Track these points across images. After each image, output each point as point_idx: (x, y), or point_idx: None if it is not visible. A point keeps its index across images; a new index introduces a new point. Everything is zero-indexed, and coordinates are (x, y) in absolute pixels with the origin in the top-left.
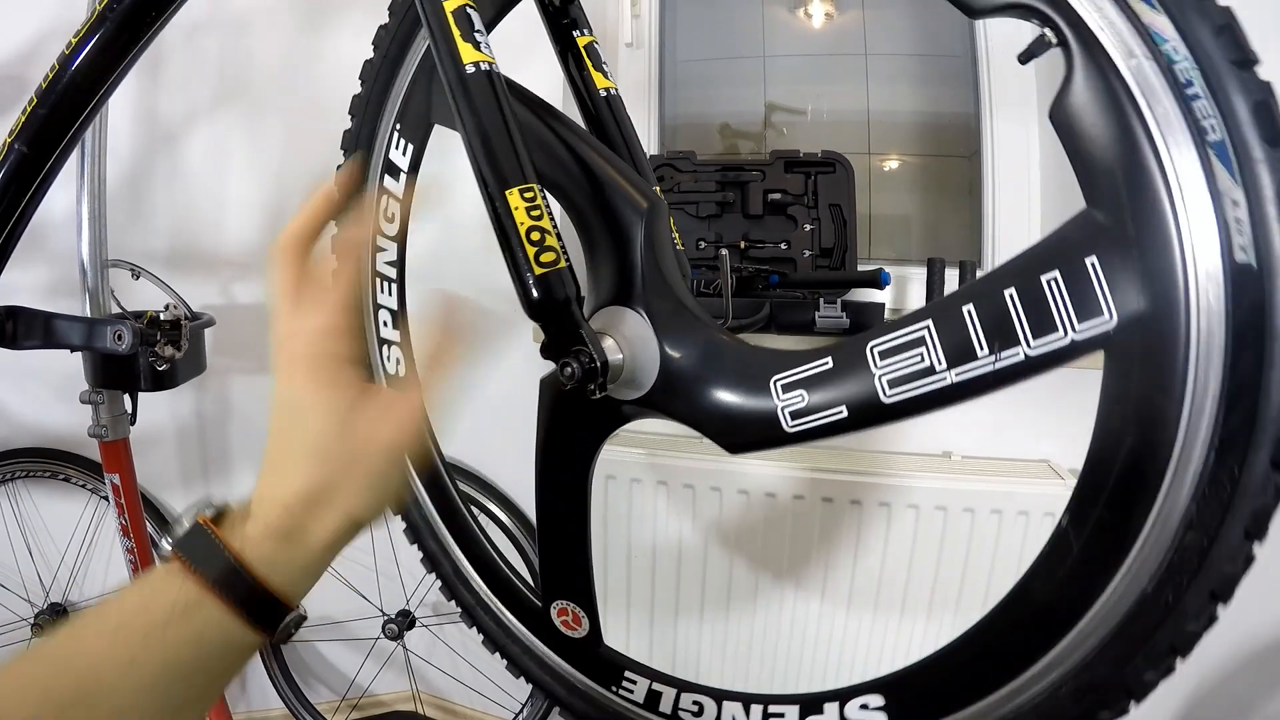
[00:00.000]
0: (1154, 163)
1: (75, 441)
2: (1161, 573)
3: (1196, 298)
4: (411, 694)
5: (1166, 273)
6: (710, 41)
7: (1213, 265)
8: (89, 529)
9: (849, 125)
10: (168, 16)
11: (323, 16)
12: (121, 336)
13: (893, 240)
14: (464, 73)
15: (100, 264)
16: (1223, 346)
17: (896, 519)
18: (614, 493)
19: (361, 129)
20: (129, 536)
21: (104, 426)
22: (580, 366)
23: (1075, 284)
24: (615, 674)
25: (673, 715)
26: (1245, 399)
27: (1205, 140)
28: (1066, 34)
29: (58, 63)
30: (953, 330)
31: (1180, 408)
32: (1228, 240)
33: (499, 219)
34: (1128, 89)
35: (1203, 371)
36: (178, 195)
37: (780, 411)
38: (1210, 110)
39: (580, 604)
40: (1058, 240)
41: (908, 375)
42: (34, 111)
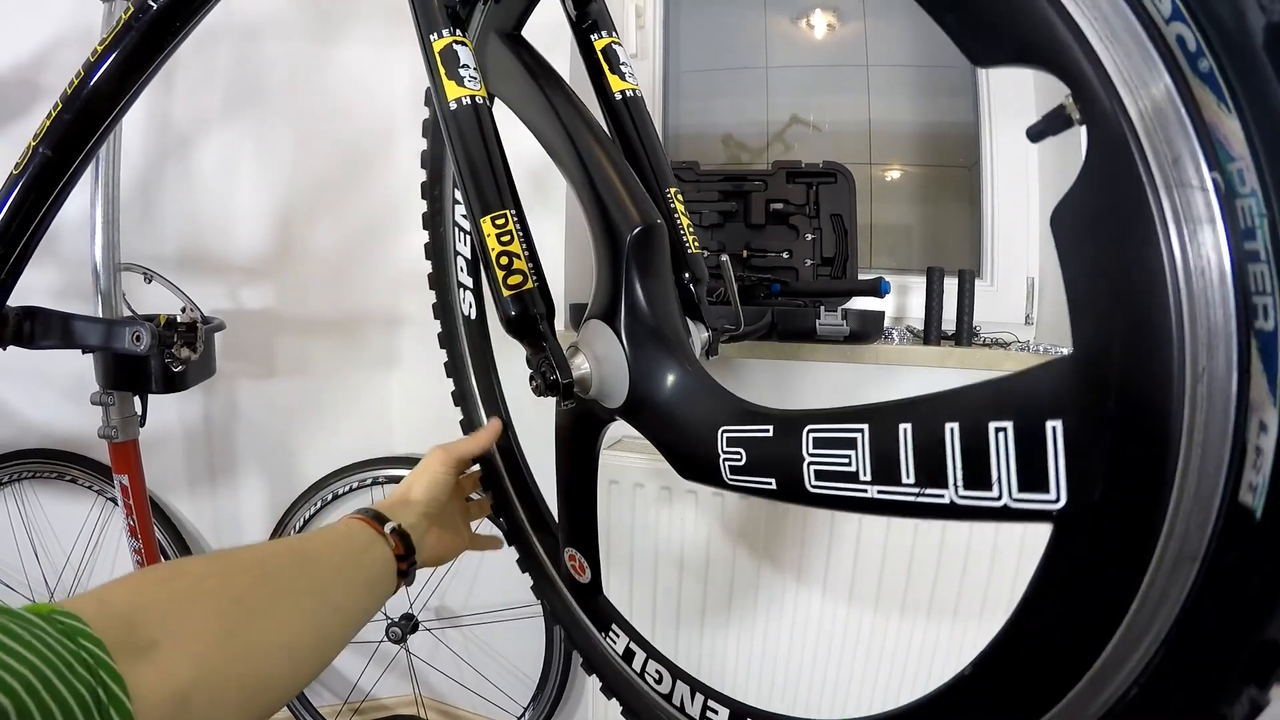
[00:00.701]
0: (1171, 337)
1: (82, 443)
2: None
3: (1173, 523)
4: (414, 698)
5: (1143, 478)
6: (713, 52)
7: (1206, 493)
8: (95, 530)
9: (850, 135)
10: (191, 27)
11: (333, 25)
12: (140, 338)
13: (893, 250)
14: (448, 109)
15: (113, 267)
16: (1189, 581)
17: (896, 522)
18: (617, 498)
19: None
20: (137, 537)
21: (114, 428)
22: (543, 379)
23: (1026, 445)
24: (605, 623)
25: (640, 674)
26: (1197, 628)
27: (1252, 326)
28: (1085, 109)
29: (83, 69)
30: (885, 444)
31: (1125, 614)
32: (1236, 474)
33: (475, 248)
34: (1164, 221)
35: (1159, 586)
36: (187, 201)
37: (721, 463)
38: (1270, 282)
39: (585, 555)
40: (1023, 386)
41: (833, 473)
42: (59, 116)
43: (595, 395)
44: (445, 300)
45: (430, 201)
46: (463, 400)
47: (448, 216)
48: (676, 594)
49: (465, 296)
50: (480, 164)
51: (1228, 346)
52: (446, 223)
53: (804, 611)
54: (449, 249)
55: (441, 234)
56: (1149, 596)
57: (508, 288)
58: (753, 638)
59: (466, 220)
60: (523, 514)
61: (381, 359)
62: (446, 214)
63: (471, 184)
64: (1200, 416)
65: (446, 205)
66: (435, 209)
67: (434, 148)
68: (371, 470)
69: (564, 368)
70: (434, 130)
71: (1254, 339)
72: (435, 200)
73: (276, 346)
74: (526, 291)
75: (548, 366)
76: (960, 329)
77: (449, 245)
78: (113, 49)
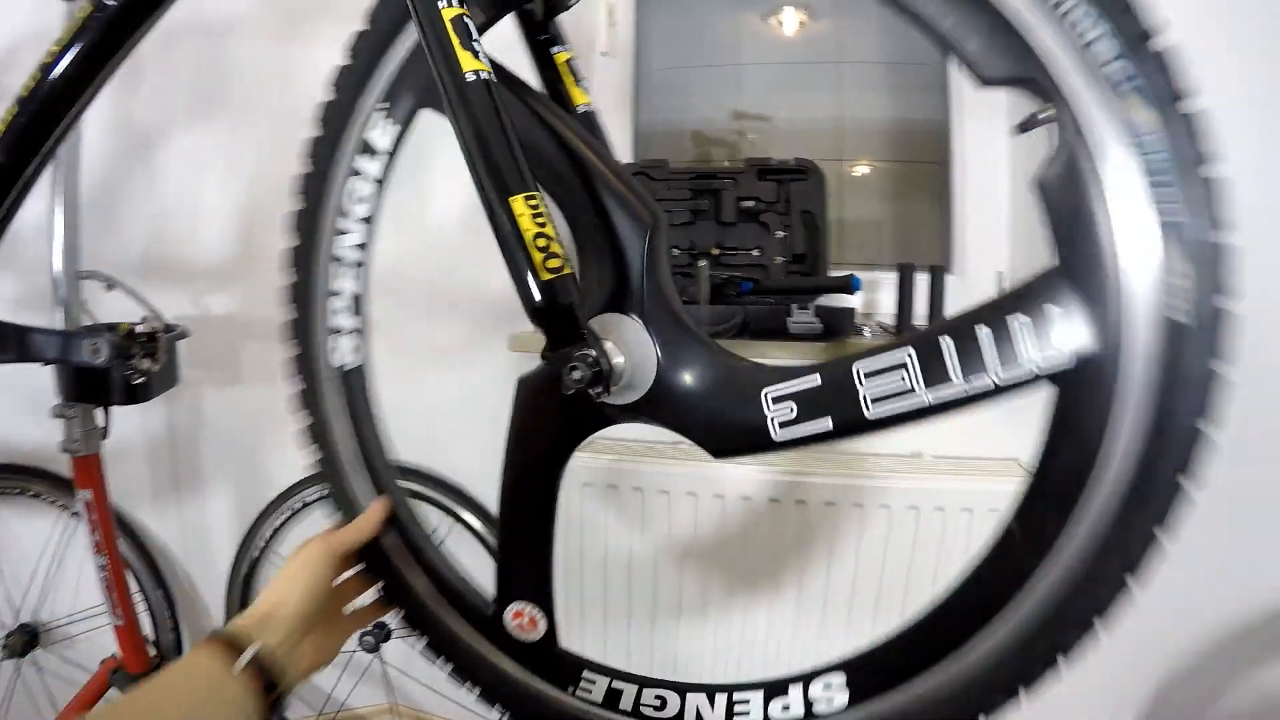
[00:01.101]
0: (1120, 238)
1: (44, 457)
2: (1089, 555)
3: (1135, 346)
4: (389, 707)
5: (1114, 325)
6: (684, 50)
7: (1153, 320)
8: (59, 547)
9: (821, 132)
10: (150, 25)
11: (300, 25)
12: (99, 350)
13: (863, 245)
14: (463, 81)
15: (73, 275)
16: (1152, 383)
17: (870, 519)
18: (588, 501)
19: (340, 101)
20: (102, 553)
21: (76, 441)
22: (588, 369)
23: (1037, 327)
24: (573, 674)
25: (634, 712)
26: (1161, 422)
27: (1164, 219)
28: (1064, 116)
29: (39, 70)
30: (932, 358)
31: (1112, 428)
32: (1170, 303)
33: (501, 226)
34: (1109, 172)
35: (1133, 400)
36: (151, 204)
37: (770, 421)
38: (1174, 196)
39: (539, 604)
40: (1026, 289)
41: (890, 395)
42: (14, 120)
43: (620, 387)
44: (309, 352)
45: (303, 234)
46: (333, 476)
47: (322, 251)
48: (652, 594)
49: (342, 344)
50: (503, 142)
51: (1156, 237)
52: (320, 258)
53: (779, 609)
54: (319, 289)
55: (311, 272)
56: (1122, 420)
57: (548, 271)
58: (729, 634)
59: (355, 250)
60: (426, 593)
61: None
62: (321, 247)
63: (495, 163)
64: (1126, 284)
65: (323, 236)
66: (308, 242)
67: (320, 163)
68: None
69: (607, 357)
70: (325, 144)
71: (1168, 230)
72: (309, 232)
73: (242, 352)
74: (568, 276)
75: (596, 356)
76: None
77: (320, 285)
78: (69, 49)
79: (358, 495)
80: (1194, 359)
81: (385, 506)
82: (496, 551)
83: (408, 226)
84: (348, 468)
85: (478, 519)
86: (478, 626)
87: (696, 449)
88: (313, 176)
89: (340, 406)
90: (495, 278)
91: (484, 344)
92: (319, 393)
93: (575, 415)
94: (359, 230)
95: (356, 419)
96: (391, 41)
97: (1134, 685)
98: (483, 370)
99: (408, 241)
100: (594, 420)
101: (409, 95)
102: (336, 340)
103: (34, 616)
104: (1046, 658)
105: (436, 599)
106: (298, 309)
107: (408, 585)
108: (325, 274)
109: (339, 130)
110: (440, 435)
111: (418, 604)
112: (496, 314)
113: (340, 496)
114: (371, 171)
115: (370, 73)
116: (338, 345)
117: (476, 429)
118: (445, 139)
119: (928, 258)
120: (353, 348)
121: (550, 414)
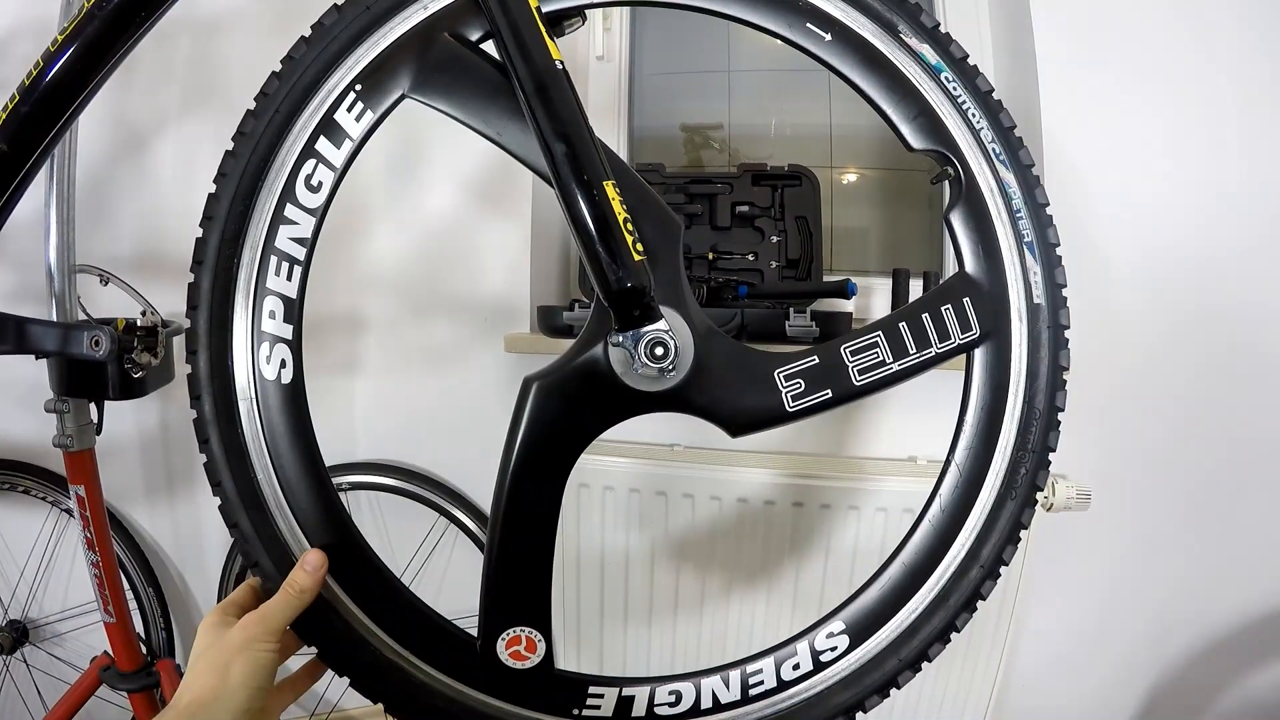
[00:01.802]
0: (1001, 250)
1: (35, 452)
2: (1008, 473)
3: (1015, 321)
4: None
5: (1004, 309)
6: (677, 55)
7: (1022, 306)
8: (50, 543)
9: (811, 139)
10: (157, 17)
11: (293, 21)
12: (99, 342)
13: (853, 251)
14: (554, 70)
15: (68, 269)
16: (1025, 343)
17: (865, 521)
18: (586, 501)
19: (301, 77)
20: (94, 550)
21: (69, 436)
22: (671, 343)
23: (958, 313)
24: (578, 694)
25: (648, 715)
26: (1033, 367)
27: (1023, 240)
28: (960, 174)
29: (41, 60)
30: (895, 338)
31: (1012, 376)
32: (1030, 290)
33: (593, 211)
34: (989, 209)
35: (1019, 358)
36: (144, 200)
37: (784, 395)
38: (1028, 225)
39: (537, 625)
40: (948, 288)
41: (869, 366)
42: (15, 109)
43: (663, 371)
44: (224, 364)
45: (224, 259)
46: (259, 521)
47: (255, 239)
48: (648, 594)
49: (273, 353)
50: (588, 130)
51: (1015, 249)
52: (251, 247)
53: (776, 608)
54: (245, 285)
55: (236, 264)
56: (1015, 368)
57: (638, 253)
58: (725, 634)
59: (298, 246)
60: (385, 648)
61: (344, 364)
62: (253, 234)
63: (588, 150)
64: (1006, 280)
65: (258, 221)
66: (238, 226)
67: (271, 130)
68: (336, 477)
69: (676, 337)
70: (279, 110)
71: (1025, 245)
72: (241, 214)
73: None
74: (645, 260)
75: (670, 335)
76: None
77: (247, 281)
78: (73, 39)
79: (288, 540)
80: (1046, 326)
81: (319, 563)
82: (488, 571)
83: (407, 226)
84: (272, 506)
85: (473, 520)
86: (457, 672)
87: (692, 452)
88: (258, 143)
89: (265, 430)
90: (492, 278)
91: (481, 344)
92: (235, 415)
93: (597, 407)
94: (307, 223)
95: (287, 446)
96: (392, 16)
97: (1127, 689)
98: (479, 371)
99: (406, 241)
100: (617, 410)
101: (396, 81)
102: (267, 350)
103: (24, 614)
104: (1007, 538)
105: (397, 653)
106: (212, 309)
107: (359, 641)
108: (258, 268)
109: (300, 100)
110: (435, 435)
111: (374, 665)
112: (493, 315)
113: (267, 544)
114: (333, 159)
115: (356, 43)
116: (270, 355)
117: (472, 429)
118: (444, 138)
119: (913, 263)
120: (284, 360)
121: (568, 410)
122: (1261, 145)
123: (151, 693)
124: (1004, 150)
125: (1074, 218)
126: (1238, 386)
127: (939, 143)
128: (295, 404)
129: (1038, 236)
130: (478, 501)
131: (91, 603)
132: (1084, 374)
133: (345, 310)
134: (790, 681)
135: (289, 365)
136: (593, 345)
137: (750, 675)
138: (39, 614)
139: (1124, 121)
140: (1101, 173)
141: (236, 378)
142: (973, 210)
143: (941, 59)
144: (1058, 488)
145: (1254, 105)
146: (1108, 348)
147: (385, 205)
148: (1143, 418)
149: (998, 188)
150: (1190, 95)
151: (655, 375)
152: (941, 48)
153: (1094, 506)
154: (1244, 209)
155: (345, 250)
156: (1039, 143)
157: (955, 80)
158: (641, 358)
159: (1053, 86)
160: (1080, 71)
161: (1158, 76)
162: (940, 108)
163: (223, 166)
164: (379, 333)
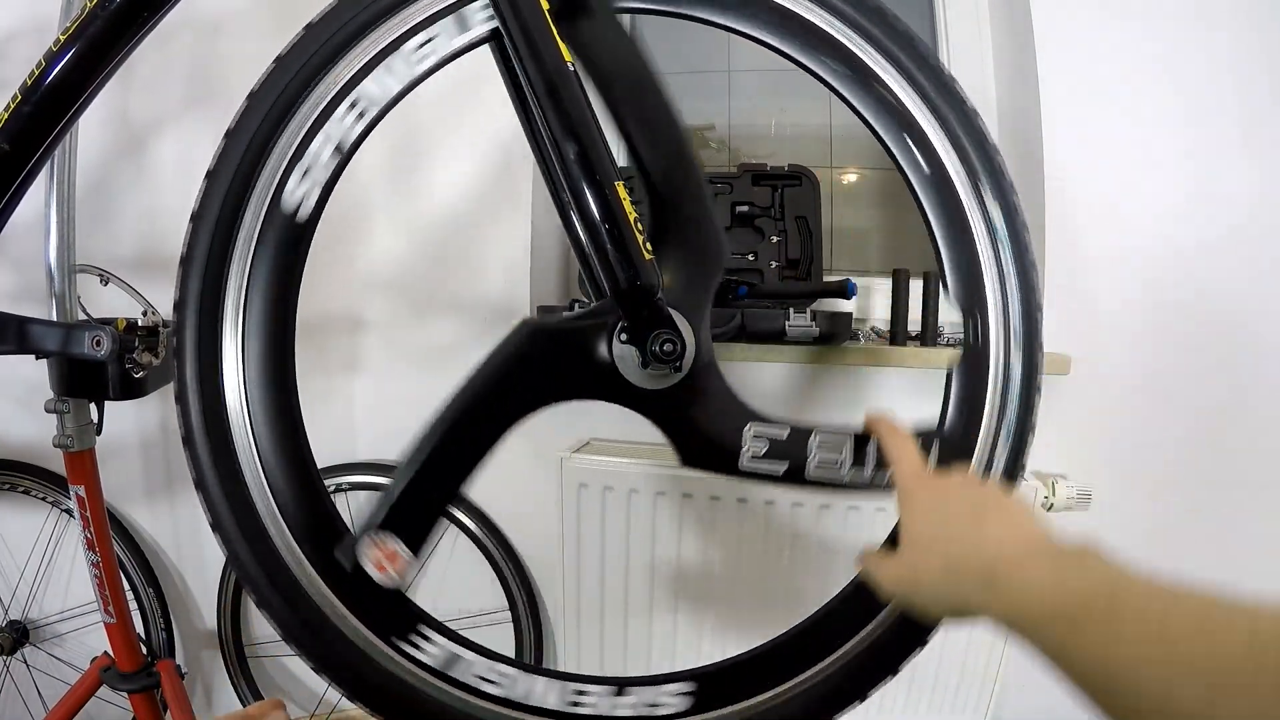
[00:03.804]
0: (980, 424)
1: (35, 452)
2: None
3: (998, 340)
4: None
5: (988, 322)
6: (677, 55)
7: (1000, 318)
8: (50, 544)
9: (811, 139)
10: (160, 16)
11: (294, 20)
12: (100, 342)
13: (852, 252)
14: (565, 70)
15: (68, 269)
16: (1004, 348)
17: (865, 521)
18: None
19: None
20: (94, 550)
21: (70, 436)
22: (679, 344)
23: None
24: (407, 625)
25: (461, 682)
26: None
27: (1004, 419)
28: (978, 340)
29: (44, 59)
30: (860, 452)
31: (992, 370)
32: (992, 462)
33: (606, 209)
34: (986, 381)
35: (999, 368)
36: (145, 200)
37: (744, 452)
38: (1008, 258)
39: (411, 546)
40: (922, 437)
41: (825, 464)
42: (18, 108)
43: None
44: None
45: (234, 187)
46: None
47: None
48: (648, 591)
49: None
50: (597, 129)
51: (997, 279)
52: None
53: (771, 610)
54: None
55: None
56: (998, 362)
57: (648, 252)
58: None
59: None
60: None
61: (344, 364)
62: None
63: (600, 149)
64: (990, 300)
65: (261, 193)
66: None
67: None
68: (335, 477)
69: (684, 340)
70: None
71: (1002, 422)
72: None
73: None
74: (654, 260)
75: (680, 338)
76: (926, 329)
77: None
78: (76, 38)
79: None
80: (1024, 337)
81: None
82: (399, 476)
83: (407, 226)
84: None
85: (473, 520)
86: (315, 555)
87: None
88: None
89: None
90: (492, 278)
91: (481, 345)
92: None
93: (575, 374)
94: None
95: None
96: None
97: None
98: None
99: (407, 241)
100: (591, 387)
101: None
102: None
103: (24, 614)
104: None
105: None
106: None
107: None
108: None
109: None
110: None
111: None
112: (493, 315)
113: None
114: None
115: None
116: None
117: None
118: (442, 138)
119: (913, 264)
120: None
121: (549, 365)
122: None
123: (152, 693)
124: (1024, 334)
125: (1075, 217)
126: (1239, 389)
127: (973, 304)
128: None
129: (1018, 417)
130: (478, 502)
131: (91, 603)
132: (1085, 375)
133: (345, 310)
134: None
135: None
136: (601, 319)
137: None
138: (39, 614)
139: (1124, 122)
140: (1101, 174)
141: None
142: (972, 375)
143: (1008, 229)
144: (1058, 488)
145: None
146: (1108, 350)
147: (385, 205)
148: (1144, 419)
149: (1003, 368)
150: (1195, 97)
151: (644, 372)
152: (1011, 218)
153: (1094, 506)
154: (1251, 214)
155: (345, 250)
156: (1039, 145)
157: (1010, 253)
158: (649, 348)
159: (1054, 86)
160: (1080, 72)
161: (1159, 77)
162: (987, 271)
163: None
164: (379, 333)
